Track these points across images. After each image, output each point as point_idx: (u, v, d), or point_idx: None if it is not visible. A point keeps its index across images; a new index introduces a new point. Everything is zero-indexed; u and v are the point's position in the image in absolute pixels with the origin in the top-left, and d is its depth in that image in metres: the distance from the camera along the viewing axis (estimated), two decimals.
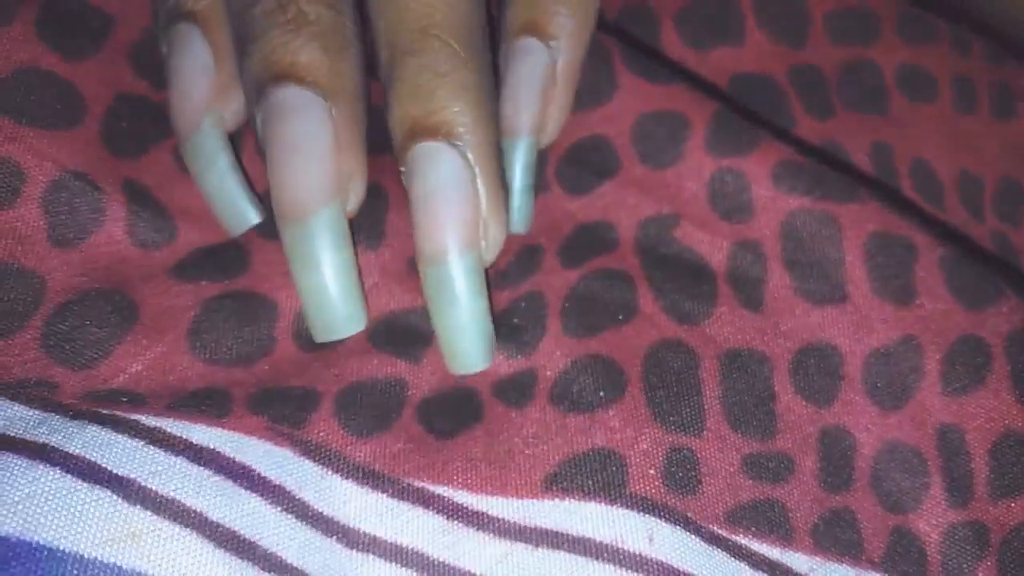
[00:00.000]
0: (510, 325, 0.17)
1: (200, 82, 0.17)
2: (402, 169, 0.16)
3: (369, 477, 0.15)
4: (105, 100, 0.17)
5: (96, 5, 0.18)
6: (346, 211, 0.16)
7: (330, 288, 0.16)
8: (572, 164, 0.19)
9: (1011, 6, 0.28)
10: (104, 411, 0.15)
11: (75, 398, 0.15)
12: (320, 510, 0.15)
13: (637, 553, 0.16)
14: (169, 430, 0.15)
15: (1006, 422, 0.17)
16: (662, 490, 0.16)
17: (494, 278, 0.18)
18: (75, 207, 0.16)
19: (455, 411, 0.16)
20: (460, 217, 0.16)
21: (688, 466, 0.16)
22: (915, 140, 0.23)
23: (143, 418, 0.15)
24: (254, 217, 0.17)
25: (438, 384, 0.17)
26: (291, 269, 0.16)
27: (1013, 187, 0.24)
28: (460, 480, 0.16)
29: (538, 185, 0.19)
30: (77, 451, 0.14)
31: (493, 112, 0.17)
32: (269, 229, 0.17)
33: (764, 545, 0.16)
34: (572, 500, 0.16)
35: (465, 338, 0.16)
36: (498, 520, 0.15)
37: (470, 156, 0.16)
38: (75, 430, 0.14)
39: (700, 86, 0.20)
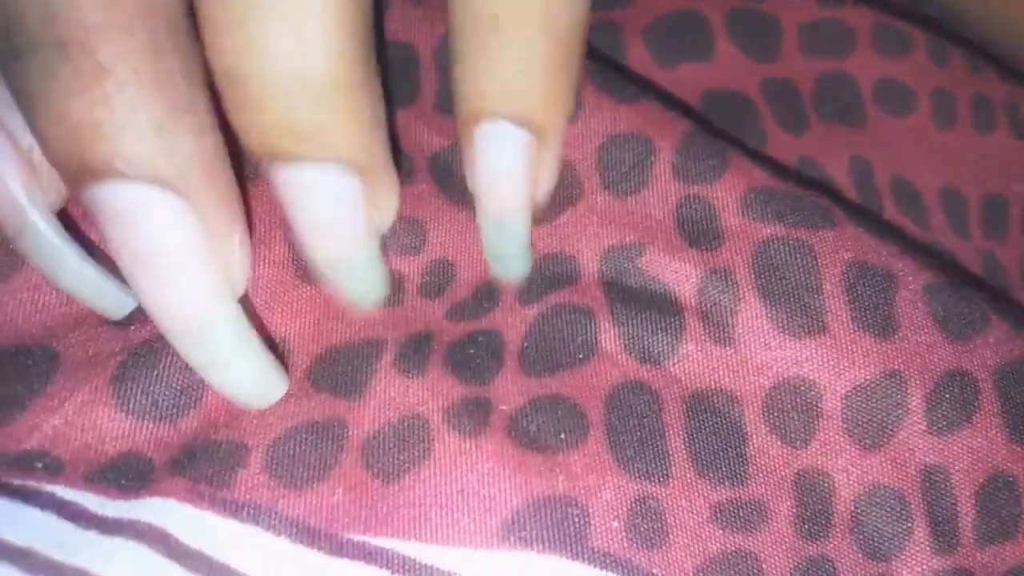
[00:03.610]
0: (464, 354, 0.15)
1: (8, 173, 0.12)
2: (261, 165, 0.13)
3: (304, 534, 0.13)
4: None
5: None
6: (238, 296, 0.13)
7: (247, 381, 0.14)
8: None
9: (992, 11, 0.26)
10: (16, 482, 0.13)
11: None
12: (247, 573, 0.13)
13: None
14: (84, 505, 0.13)
15: (994, 462, 0.15)
16: (626, 544, 0.14)
17: (450, 311, 0.16)
18: None
19: (401, 447, 0.14)
20: (347, 232, 0.14)
21: (654, 517, 0.14)
22: (894, 155, 0.21)
23: (58, 490, 0.13)
24: (130, 302, 0.14)
25: (383, 419, 0.15)
26: (198, 373, 0.13)
27: (997, 202, 0.22)
28: (407, 529, 0.14)
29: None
30: None
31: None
32: None
33: None
34: (531, 552, 0.14)
35: (361, 292, 0.15)
36: (450, 574, 0.14)
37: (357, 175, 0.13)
38: None
39: (669, 104, 0.18)
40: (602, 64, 0.18)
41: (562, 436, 0.15)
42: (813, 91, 0.21)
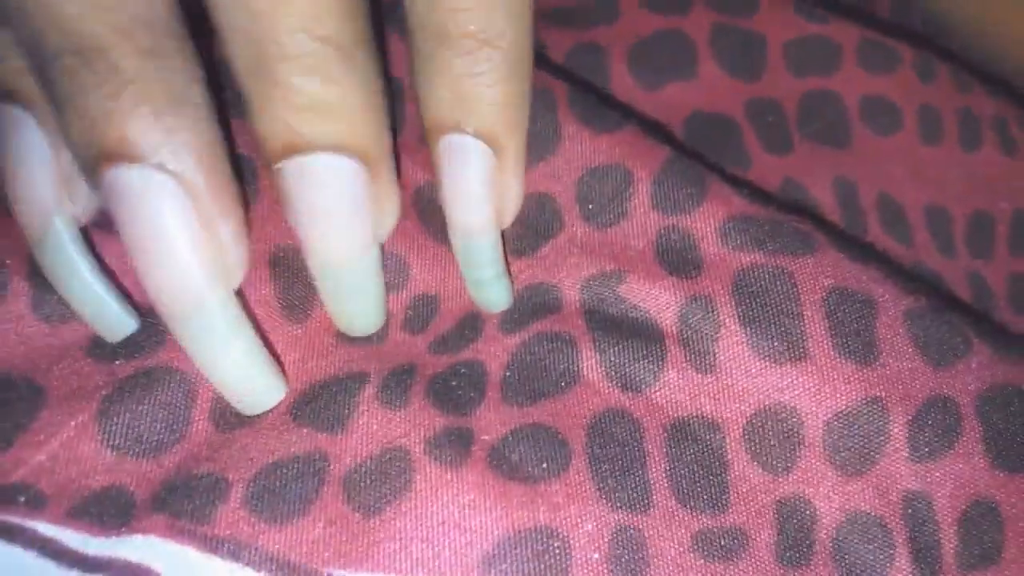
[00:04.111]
0: (447, 386, 0.15)
1: (41, 177, 0.14)
2: (276, 167, 0.14)
3: (284, 569, 0.13)
4: None
5: None
6: (233, 286, 0.14)
7: (241, 374, 0.14)
8: (516, 225, 0.17)
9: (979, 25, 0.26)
10: None
11: None
12: None
13: None
14: (65, 542, 0.13)
15: (976, 489, 0.15)
16: None
17: (433, 344, 0.16)
18: None
19: (383, 479, 0.14)
20: (353, 227, 0.14)
21: (634, 548, 0.14)
22: (880, 173, 0.21)
23: (39, 526, 0.13)
24: (131, 324, 0.15)
25: (364, 452, 0.15)
26: (193, 360, 0.14)
27: (983, 219, 0.21)
28: (388, 563, 0.14)
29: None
30: None
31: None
32: None
33: None
34: None
35: (361, 310, 0.15)
36: None
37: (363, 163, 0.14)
38: None
39: (651, 129, 0.18)
40: (582, 91, 0.18)
41: (544, 465, 0.14)
42: (798, 111, 0.21)
